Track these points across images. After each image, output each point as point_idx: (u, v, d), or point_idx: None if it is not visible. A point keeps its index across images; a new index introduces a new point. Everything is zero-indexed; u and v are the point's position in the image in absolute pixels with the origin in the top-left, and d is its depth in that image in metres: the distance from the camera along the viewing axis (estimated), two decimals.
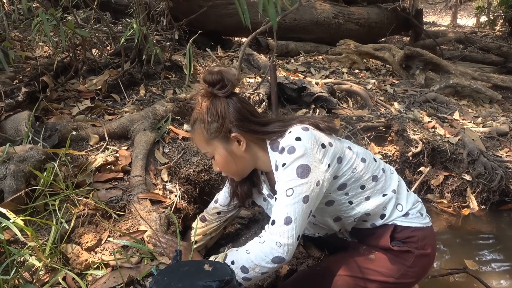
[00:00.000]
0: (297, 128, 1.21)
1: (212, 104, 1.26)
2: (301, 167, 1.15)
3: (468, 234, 2.41)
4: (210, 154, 1.33)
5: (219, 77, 1.24)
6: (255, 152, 1.31)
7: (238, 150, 1.29)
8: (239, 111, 1.26)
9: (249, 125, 1.27)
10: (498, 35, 7.96)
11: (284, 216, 1.15)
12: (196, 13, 3.60)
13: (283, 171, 1.17)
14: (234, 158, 1.30)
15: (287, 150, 1.17)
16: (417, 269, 1.35)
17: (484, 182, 2.63)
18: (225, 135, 1.26)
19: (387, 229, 1.36)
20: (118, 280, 1.30)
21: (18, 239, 1.36)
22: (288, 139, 1.19)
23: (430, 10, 15.19)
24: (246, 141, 1.28)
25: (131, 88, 2.80)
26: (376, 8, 5.86)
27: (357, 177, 1.29)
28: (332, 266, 1.37)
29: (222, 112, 1.25)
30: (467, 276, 1.95)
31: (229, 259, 1.24)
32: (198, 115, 1.29)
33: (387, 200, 1.34)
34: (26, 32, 3.41)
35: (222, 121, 1.25)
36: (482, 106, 3.99)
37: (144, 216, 1.60)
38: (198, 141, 1.32)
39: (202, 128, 1.28)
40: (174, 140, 2.22)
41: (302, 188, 1.15)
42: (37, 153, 1.68)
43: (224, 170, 1.35)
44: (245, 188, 1.46)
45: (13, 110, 2.14)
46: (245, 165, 1.34)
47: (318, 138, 1.21)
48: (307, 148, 1.17)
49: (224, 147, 1.28)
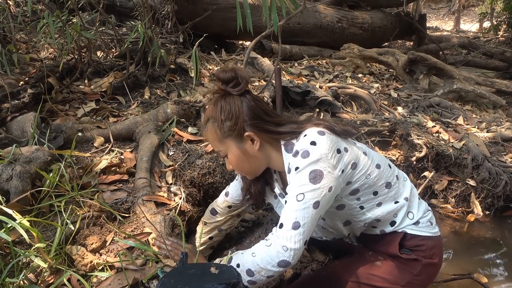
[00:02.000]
0: (313, 132, 1.20)
1: (226, 103, 1.24)
2: (314, 173, 1.14)
3: (472, 240, 2.39)
4: (223, 153, 1.31)
5: (232, 74, 1.22)
6: (268, 151, 1.29)
7: (251, 149, 1.27)
8: (253, 109, 1.24)
9: (263, 124, 1.25)
10: (501, 40, 7.96)
11: (292, 220, 1.14)
12: (200, 16, 3.61)
13: (296, 174, 1.16)
14: (247, 157, 1.28)
15: (301, 154, 1.15)
16: (423, 278, 1.34)
17: (488, 187, 2.62)
18: (239, 134, 1.24)
19: (396, 236, 1.35)
20: (123, 282, 1.30)
21: (23, 240, 1.36)
22: (303, 142, 1.18)
23: (433, 15, 15.21)
24: (260, 140, 1.26)
25: (136, 90, 2.81)
26: (380, 13, 5.87)
27: (370, 183, 1.27)
28: (337, 271, 1.36)
29: (235, 111, 1.23)
30: (472, 282, 1.94)
31: (234, 262, 1.23)
32: (211, 113, 1.26)
33: (398, 208, 1.33)
34: (32, 34, 3.43)
35: (235, 120, 1.23)
36: (486, 111, 3.98)
37: (149, 218, 1.60)
38: (211, 139, 1.30)
39: (215, 127, 1.26)
40: (179, 142, 2.22)
41: (313, 193, 1.14)
42: (43, 154, 1.68)
43: (238, 169, 1.33)
44: (258, 186, 1.45)
45: (19, 111, 2.15)
46: (259, 164, 1.32)
47: (334, 143, 1.19)
48: (322, 153, 1.15)
49: (237, 146, 1.27)
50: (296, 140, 1.23)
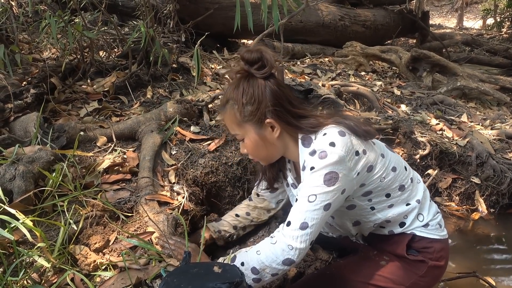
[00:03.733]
0: (333, 132, 1.15)
1: (249, 85, 1.18)
2: (329, 175, 1.11)
3: (477, 238, 2.38)
4: (240, 137, 1.27)
5: (258, 55, 1.16)
6: (287, 141, 1.25)
7: (270, 137, 1.23)
8: (276, 96, 1.18)
9: (285, 114, 1.20)
10: (505, 37, 7.91)
11: (301, 221, 1.12)
12: (202, 16, 3.61)
13: (311, 174, 1.12)
14: (265, 143, 1.24)
15: (318, 154, 1.11)
16: (428, 279, 1.34)
17: (493, 185, 2.60)
18: (259, 119, 1.19)
19: (404, 238, 1.33)
20: (126, 282, 1.30)
21: (27, 240, 1.36)
22: (322, 142, 1.13)
23: (436, 12, 15.14)
24: (280, 129, 1.21)
25: (138, 89, 2.81)
26: (383, 10, 5.84)
27: (384, 186, 1.25)
28: (341, 270, 1.35)
29: (258, 95, 1.17)
30: (477, 280, 1.93)
31: (238, 260, 1.22)
32: (232, 95, 1.21)
33: (409, 210, 1.31)
34: (34, 35, 3.44)
35: (258, 105, 1.18)
36: (490, 108, 3.96)
37: (152, 218, 1.60)
38: (229, 122, 1.25)
39: (236, 110, 1.21)
40: (181, 141, 2.22)
41: (326, 196, 1.12)
42: (45, 154, 1.68)
43: (253, 154, 1.29)
44: (273, 172, 1.42)
45: (22, 111, 2.15)
46: (275, 152, 1.28)
47: (353, 145, 1.15)
48: (340, 156, 1.11)
49: (256, 132, 1.22)
50: (314, 136, 1.19)
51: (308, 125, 1.20)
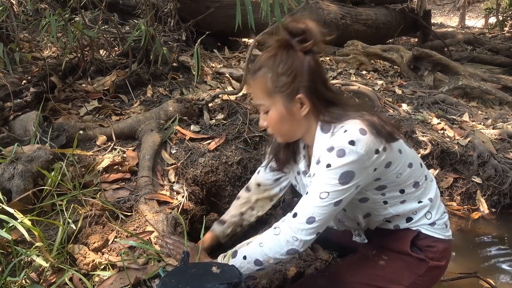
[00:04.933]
0: (355, 129, 1.10)
1: (287, 56, 1.13)
2: (345, 174, 1.08)
3: (478, 238, 2.37)
4: (265, 108, 1.21)
5: (303, 28, 1.12)
6: (310, 123, 1.21)
7: (297, 113, 1.18)
8: (313, 73, 1.14)
9: (317, 93, 1.16)
10: (507, 36, 7.87)
11: (308, 215, 1.11)
12: (203, 14, 3.60)
13: (326, 171, 1.09)
14: (290, 118, 1.19)
15: (336, 152, 1.08)
16: (427, 279, 1.33)
17: (494, 184, 2.59)
18: (291, 93, 1.14)
19: (409, 234, 1.32)
20: (125, 281, 1.30)
21: (25, 239, 1.36)
22: (342, 139, 1.09)
23: (438, 11, 15.10)
24: (309, 107, 1.17)
25: (139, 88, 2.80)
26: (384, 9, 5.82)
27: (399, 181, 1.23)
28: (341, 271, 1.34)
29: (296, 68, 1.12)
30: (478, 281, 1.92)
31: (240, 255, 1.21)
32: (268, 62, 1.16)
33: (421, 207, 1.30)
34: (35, 33, 3.43)
35: (293, 78, 1.12)
36: (491, 107, 3.94)
37: (151, 217, 1.60)
38: (258, 90, 1.20)
39: (268, 78, 1.16)
40: (181, 140, 2.21)
41: (338, 193, 1.10)
42: (44, 153, 1.68)
43: (274, 127, 1.23)
44: (287, 153, 1.37)
45: (22, 110, 2.15)
46: (297, 130, 1.23)
47: (374, 144, 1.11)
48: (359, 155, 1.08)
49: (284, 105, 1.16)
50: (334, 126, 1.15)
51: (335, 112, 1.17)
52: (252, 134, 2.37)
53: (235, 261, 1.21)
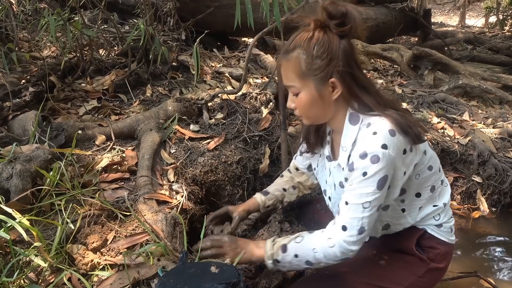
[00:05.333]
0: (384, 130, 1.10)
1: (324, 38, 1.11)
2: (381, 179, 1.10)
3: (478, 237, 2.36)
4: (295, 90, 1.19)
5: (342, 11, 1.10)
6: (339, 108, 1.20)
7: (328, 97, 1.16)
8: (348, 57, 1.12)
9: (351, 78, 1.14)
10: (507, 35, 7.86)
11: (358, 226, 1.14)
12: (203, 14, 3.59)
13: (363, 180, 1.11)
14: (320, 102, 1.17)
15: (370, 158, 1.09)
16: (426, 280, 1.32)
17: (495, 184, 2.58)
18: (324, 76, 1.13)
19: (415, 232, 1.32)
20: (125, 282, 1.29)
21: (23, 239, 1.35)
22: (373, 143, 1.09)
23: (438, 10, 15.08)
24: (341, 92, 1.15)
25: (138, 88, 2.80)
26: (384, 8, 5.80)
27: (417, 184, 1.24)
28: (341, 270, 1.33)
29: (332, 51, 1.11)
30: (478, 280, 1.91)
31: (290, 251, 1.23)
32: (304, 43, 1.13)
33: (435, 210, 1.31)
34: (34, 33, 3.43)
35: (328, 61, 1.11)
36: (492, 106, 3.93)
37: (150, 217, 1.59)
38: (290, 71, 1.17)
39: (303, 60, 1.13)
40: (181, 140, 2.21)
41: (379, 199, 1.13)
42: (43, 153, 1.68)
43: (303, 110, 1.21)
44: (317, 136, 1.37)
45: (21, 109, 2.15)
46: (325, 114, 1.22)
47: (402, 144, 1.12)
48: (391, 157, 1.09)
49: (316, 88, 1.15)
50: (362, 118, 1.16)
51: (366, 101, 1.16)
52: (252, 133, 2.36)
53: (285, 256, 1.24)
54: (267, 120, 2.47)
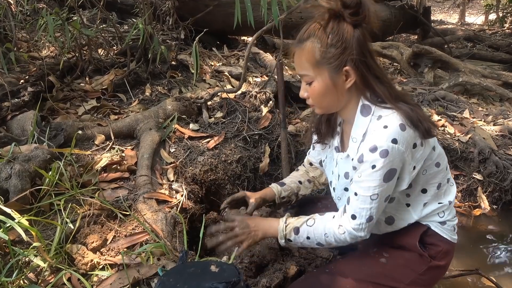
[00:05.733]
0: (395, 124, 1.11)
1: (338, 27, 1.12)
2: (389, 172, 1.13)
3: (479, 234, 2.36)
4: (308, 78, 1.20)
5: (357, 0, 1.11)
6: (351, 97, 1.21)
7: (341, 86, 1.18)
8: (362, 46, 1.14)
9: (365, 67, 1.15)
10: (507, 32, 7.84)
11: (367, 216, 1.19)
12: (202, 12, 3.57)
13: (371, 173, 1.13)
14: (334, 91, 1.18)
15: (379, 152, 1.10)
16: (427, 278, 1.32)
17: (495, 181, 2.58)
18: (339, 65, 1.14)
19: (419, 228, 1.32)
20: (124, 281, 1.29)
21: (23, 240, 1.35)
22: (383, 137, 1.11)
23: (437, 8, 15.06)
24: (354, 80, 1.16)
25: (137, 87, 2.79)
26: (384, 6, 5.79)
27: (424, 179, 1.25)
28: (341, 268, 1.33)
29: (347, 40, 1.12)
30: (480, 277, 1.90)
31: (302, 233, 1.29)
32: (318, 32, 1.14)
33: (439, 207, 1.31)
34: (33, 33, 3.42)
35: (342, 50, 1.12)
36: (492, 104, 3.92)
37: (150, 216, 1.58)
38: (304, 60, 1.18)
39: (317, 49, 1.14)
40: (180, 139, 2.20)
41: (387, 191, 1.17)
42: (42, 153, 1.67)
43: (316, 99, 1.22)
44: (328, 126, 1.38)
45: (19, 109, 2.14)
46: (338, 103, 1.23)
47: (412, 138, 1.14)
48: (400, 151, 1.11)
49: (330, 76, 1.16)
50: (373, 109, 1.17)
51: (379, 91, 1.17)
52: (251, 132, 2.36)
53: (297, 237, 1.30)
54: (267, 118, 2.46)
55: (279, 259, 1.56)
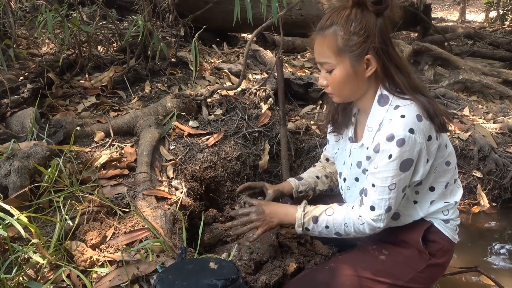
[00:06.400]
0: (412, 115, 1.13)
1: (361, 15, 1.14)
2: (405, 162, 1.13)
3: (479, 232, 2.36)
4: (329, 66, 1.20)
5: None
6: (370, 86, 1.23)
7: (362, 74, 1.19)
8: (384, 34, 1.15)
9: (386, 56, 1.16)
10: (508, 30, 7.83)
11: (386, 206, 1.19)
12: (202, 9, 3.57)
13: (388, 163, 1.14)
14: (354, 79, 1.19)
15: (396, 142, 1.11)
16: (426, 276, 1.33)
17: (495, 179, 2.58)
18: (360, 53, 1.15)
19: (423, 224, 1.33)
20: (123, 278, 1.29)
21: (22, 236, 1.35)
22: (401, 126, 1.12)
23: (438, 5, 15.03)
24: (375, 69, 1.17)
25: (137, 84, 2.79)
26: None
27: (433, 177, 1.26)
28: (340, 264, 1.33)
29: (369, 29, 1.13)
30: (479, 275, 1.91)
31: (321, 222, 1.29)
32: (341, 20, 1.15)
33: (444, 206, 1.32)
34: (32, 30, 3.41)
35: (365, 38, 1.14)
36: (492, 101, 3.91)
37: (149, 213, 1.58)
38: (325, 47, 1.18)
39: (339, 36, 1.15)
40: (180, 136, 2.20)
41: (404, 181, 1.17)
42: (41, 150, 1.67)
43: (336, 87, 1.22)
44: (344, 115, 1.39)
45: (19, 106, 2.14)
46: (356, 91, 1.23)
47: (428, 130, 1.15)
48: (417, 142, 1.12)
49: (351, 64, 1.17)
50: (391, 99, 1.18)
51: (398, 81, 1.18)
52: (251, 129, 2.35)
53: (316, 226, 1.31)
54: (267, 116, 2.45)
55: (278, 256, 1.56)
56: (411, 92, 1.18)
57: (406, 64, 1.24)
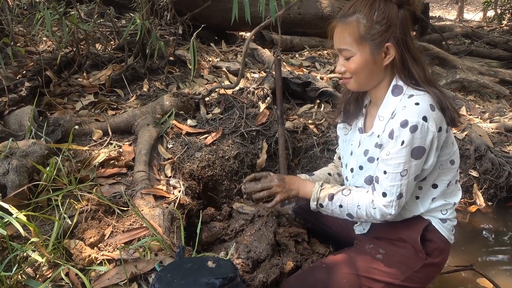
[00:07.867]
0: (426, 103, 1.16)
1: (385, 5, 1.18)
2: (417, 149, 1.15)
3: (474, 231, 2.38)
4: (349, 53, 1.23)
5: None
6: (385, 75, 1.26)
7: (380, 62, 1.22)
8: (405, 25, 1.19)
9: (405, 46, 1.20)
10: (505, 29, 7.84)
11: (397, 193, 1.21)
12: (200, 8, 3.56)
13: (400, 149, 1.16)
14: (372, 67, 1.22)
15: (409, 128, 1.14)
16: (422, 275, 1.34)
17: (491, 178, 2.59)
18: (381, 42, 1.19)
19: (421, 222, 1.34)
20: (122, 276, 1.29)
21: (20, 235, 1.35)
22: (415, 113, 1.14)
23: (436, 4, 15.04)
24: (393, 58, 1.21)
25: (135, 83, 2.78)
26: None
27: (437, 174, 1.28)
28: (337, 263, 1.35)
29: (392, 18, 1.17)
30: (474, 273, 1.92)
31: (336, 202, 1.32)
32: (364, 8, 1.19)
33: (444, 204, 1.34)
34: (30, 27, 3.40)
35: (387, 27, 1.18)
36: (489, 101, 3.93)
37: (147, 212, 1.59)
38: (347, 34, 1.21)
39: (362, 24, 1.19)
40: (178, 135, 2.20)
41: (415, 169, 1.18)
42: (40, 148, 1.67)
43: (355, 73, 1.25)
44: (355, 106, 1.42)
45: (17, 105, 2.13)
46: (373, 80, 1.26)
47: (439, 120, 1.18)
48: (430, 130, 1.14)
49: (371, 52, 1.20)
50: (405, 89, 1.20)
51: (413, 72, 1.20)
52: (249, 128, 2.36)
53: (330, 203, 1.34)
54: (265, 115, 2.46)
55: (276, 254, 1.57)
56: (426, 84, 1.21)
57: (422, 57, 1.27)
